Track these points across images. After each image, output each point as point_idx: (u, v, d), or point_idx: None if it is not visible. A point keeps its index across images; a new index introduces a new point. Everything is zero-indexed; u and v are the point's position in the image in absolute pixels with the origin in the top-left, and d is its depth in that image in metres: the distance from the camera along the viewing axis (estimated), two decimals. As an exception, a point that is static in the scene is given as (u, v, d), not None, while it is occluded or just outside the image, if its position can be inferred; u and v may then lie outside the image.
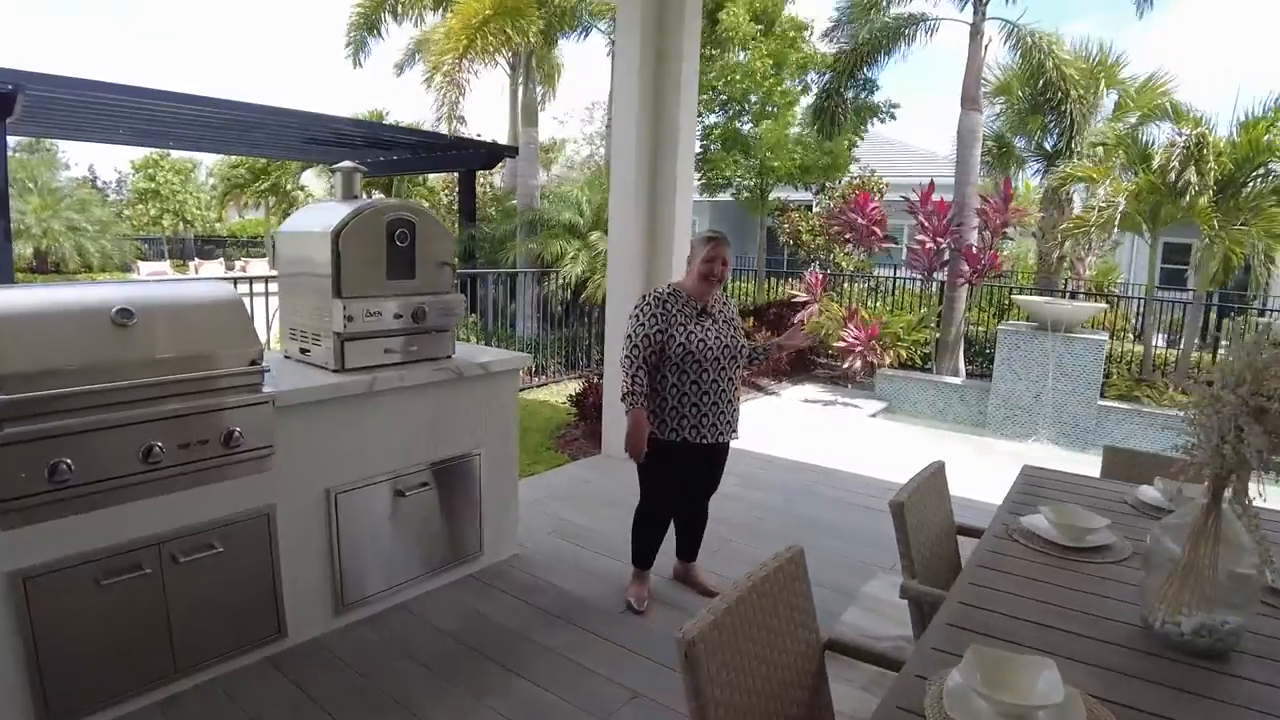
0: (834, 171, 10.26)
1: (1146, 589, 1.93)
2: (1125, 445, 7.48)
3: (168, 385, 2.43)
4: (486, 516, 3.74)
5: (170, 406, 2.42)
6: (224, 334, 2.63)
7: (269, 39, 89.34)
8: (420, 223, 3.31)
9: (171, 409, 2.42)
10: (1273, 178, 7.74)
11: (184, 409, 2.45)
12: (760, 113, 10.52)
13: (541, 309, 9.46)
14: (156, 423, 2.38)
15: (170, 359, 2.46)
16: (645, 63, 5.38)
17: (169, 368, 2.44)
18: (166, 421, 2.41)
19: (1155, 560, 1.93)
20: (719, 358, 3.31)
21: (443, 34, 9.96)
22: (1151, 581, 1.91)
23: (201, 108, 8.35)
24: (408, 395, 3.27)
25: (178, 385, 2.45)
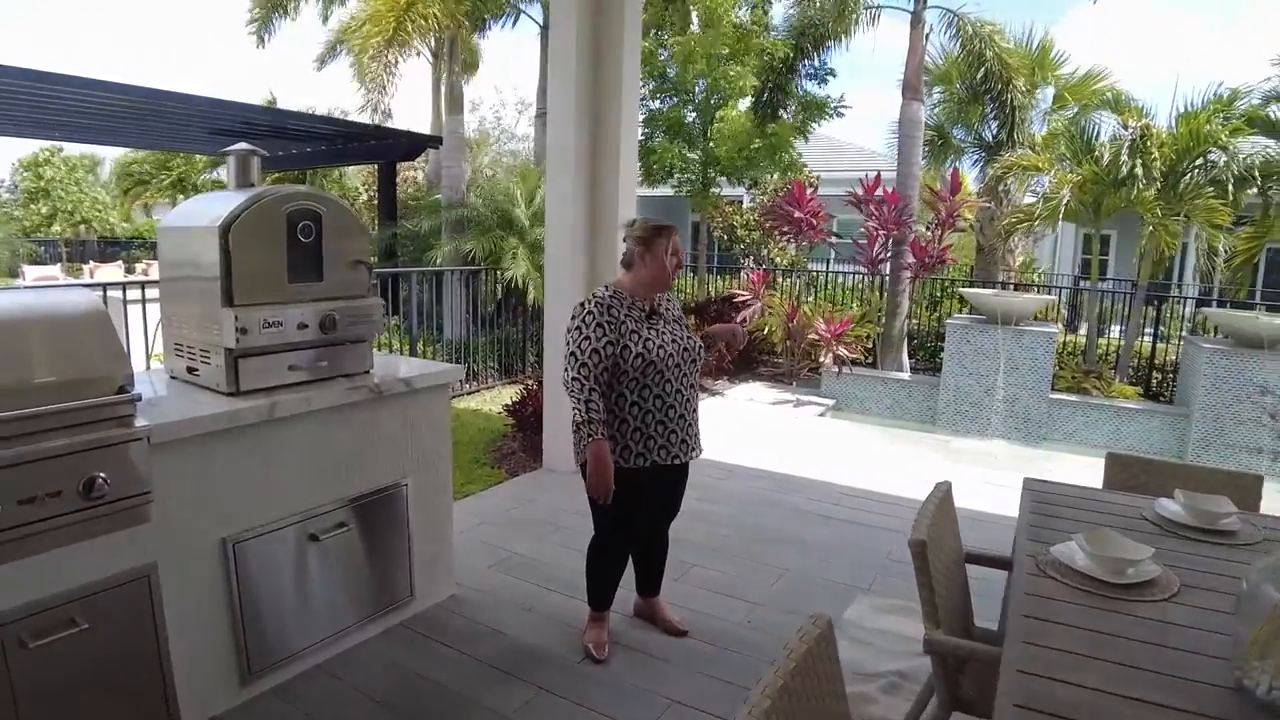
0: (778, 153, 9.91)
1: (1238, 643, 1.62)
2: (1077, 437, 7.47)
3: (1, 425, 1.86)
4: (417, 555, 3.21)
5: (6, 453, 1.85)
6: (82, 354, 2.06)
7: (166, 26, 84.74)
8: (328, 214, 2.77)
9: (7, 455, 1.86)
10: (1212, 168, 7.73)
11: (25, 454, 1.88)
12: (706, 103, 10.14)
13: (471, 310, 8.87)
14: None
15: (7, 390, 1.89)
16: (582, 42, 4.90)
17: (4, 401, 1.88)
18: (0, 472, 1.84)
19: (1251, 609, 1.60)
20: (679, 363, 2.88)
21: (366, 17, 9.26)
22: (1244, 633, 1.59)
23: (86, 92, 7.47)
24: (318, 421, 2.73)
25: (16, 424, 1.89)
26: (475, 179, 12.82)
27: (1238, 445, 6.69)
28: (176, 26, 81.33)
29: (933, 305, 11.14)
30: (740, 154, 9.82)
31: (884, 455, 6.52)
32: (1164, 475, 3.13)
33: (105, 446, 2.04)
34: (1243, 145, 7.94)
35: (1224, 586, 2.11)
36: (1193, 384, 7.04)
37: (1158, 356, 8.74)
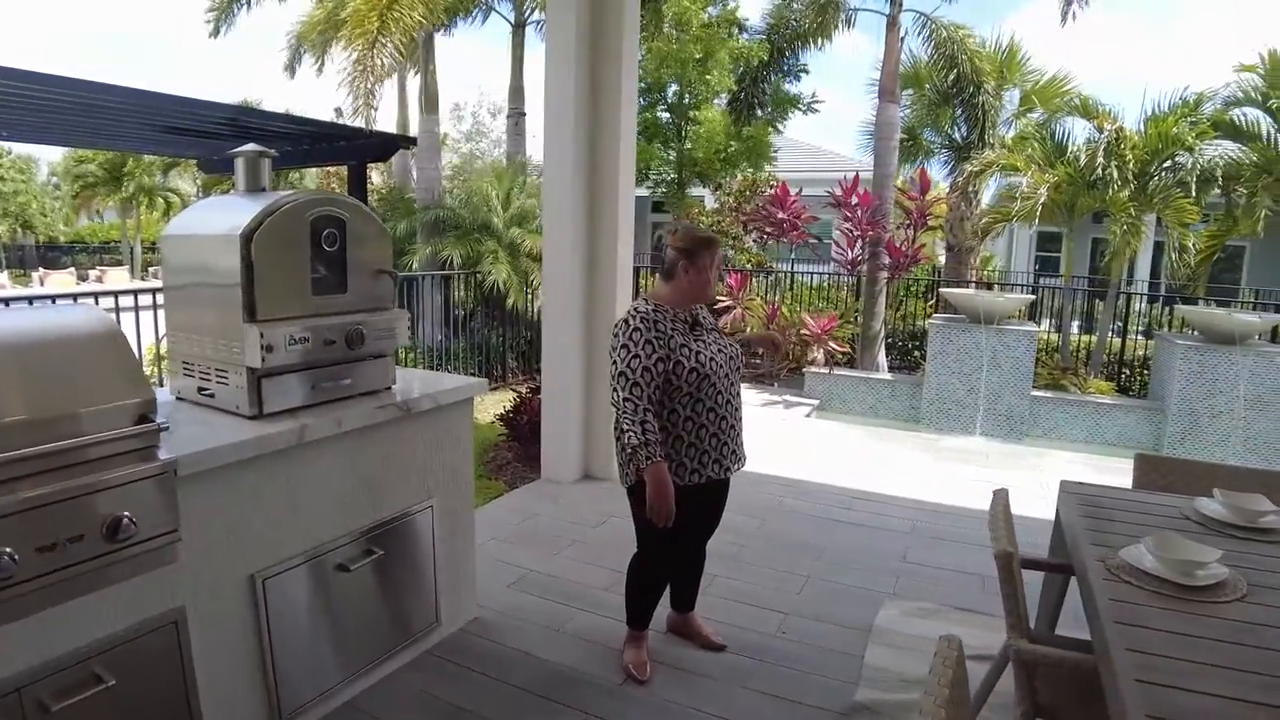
0: (756, 158, 9.89)
1: None
2: (1057, 433, 7.56)
3: (15, 464, 1.68)
4: (442, 579, 3.07)
5: (22, 495, 1.67)
6: (99, 381, 1.89)
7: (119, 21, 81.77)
8: (352, 220, 2.62)
9: (23, 498, 1.68)
10: (1179, 170, 7.92)
11: (43, 496, 1.71)
12: (678, 105, 10.07)
13: (446, 313, 8.66)
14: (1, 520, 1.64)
15: (17, 424, 1.71)
16: (581, 34, 4.79)
17: (16, 437, 1.70)
18: (16, 517, 1.66)
19: None
20: (728, 373, 2.79)
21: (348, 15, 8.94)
22: None
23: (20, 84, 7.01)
24: (346, 443, 2.58)
25: (31, 463, 1.71)
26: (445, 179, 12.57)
27: (1212, 438, 6.83)
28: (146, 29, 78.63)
29: (898, 305, 11.23)
30: (718, 155, 9.78)
31: (878, 456, 6.52)
32: (1192, 475, 3.14)
33: (131, 483, 1.87)
34: (1206, 148, 8.13)
35: (1289, 585, 2.13)
36: (1167, 379, 7.18)
37: (1113, 351, 8.92)
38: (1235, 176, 8.17)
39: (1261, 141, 8.07)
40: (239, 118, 8.46)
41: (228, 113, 8.34)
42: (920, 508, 5.13)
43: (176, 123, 8.37)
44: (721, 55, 9.67)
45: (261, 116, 9.28)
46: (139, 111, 7.54)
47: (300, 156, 10.76)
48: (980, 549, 4.43)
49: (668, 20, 9.87)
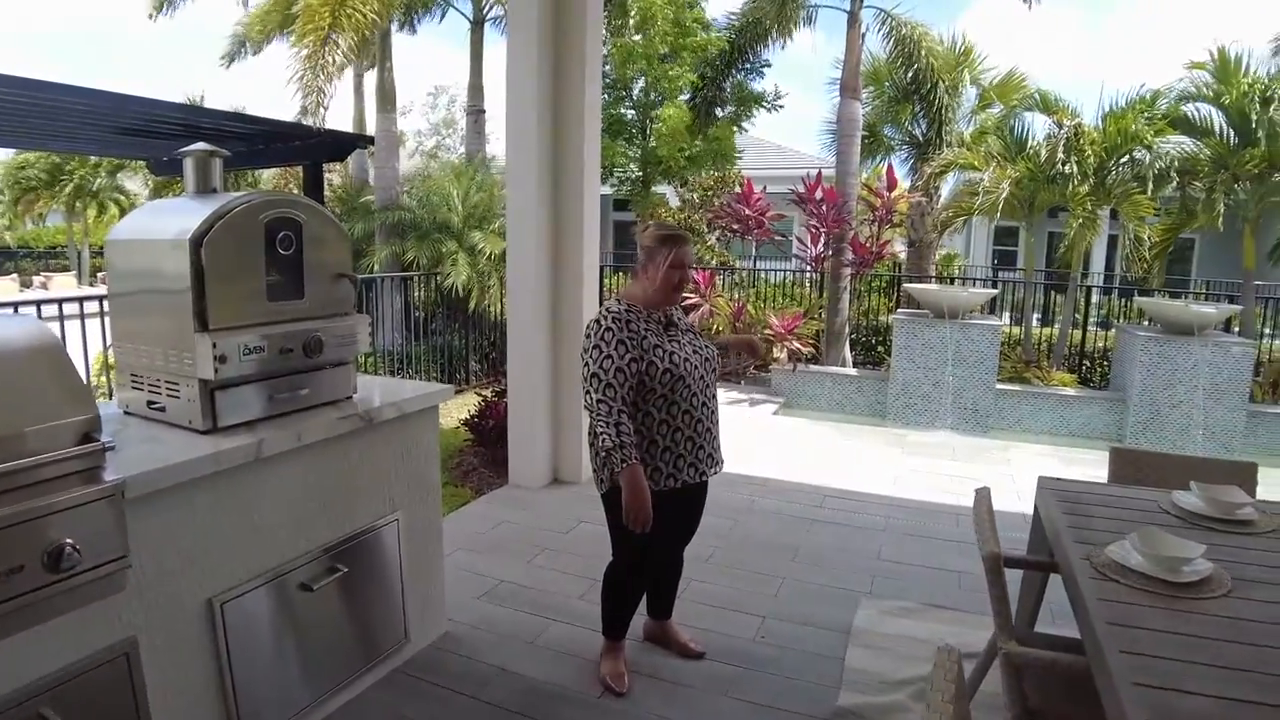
0: (721, 159, 9.85)
1: None
2: (1022, 425, 7.63)
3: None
4: (410, 594, 2.95)
5: (-47, 522, 1.55)
6: (38, 399, 1.75)
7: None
8: (309, 222, 2.49)
9: (-45, 525, 1.55)
10: (1137, 165, 8.05)
11: (-23, 523, 1.58)
12: (645, 102, 9.99)
13: (407, 316, 8.49)
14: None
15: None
16: (544, 32, 4.69)
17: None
18: (-53, 546, 1.53)
19: None
20: (703, 375, 2.72)
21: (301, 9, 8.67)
22: None
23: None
24: (307, 456, 2.45)
25: (-37, 486, 1.58)
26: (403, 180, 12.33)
27: (1173, 427, 6.94)
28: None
29: (860, 301, 11.28)
30: (682, 153, 9.72)
31: (847, 452, 6.51)
32: (1166, 467, 3.14)
33: (73, 508, 1.73)
34: (1163, 144, 8.27)
35: (1273, 578, 2.13)
36: (1128, 370, 7.28)
37: (1077, 343, 9.06)
38: (1191, 171, 8.32)
39: (1216, 137, 8.22)
40: (191, 117, 8.18)
41: (181, 112, 8.04)
42: (891, 504, 5.13)
43: (129, 123, 8.07)
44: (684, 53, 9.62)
45: (215, 116, 8.99)
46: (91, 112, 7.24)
47: (255, 157, 10.49)
48: (954, 545, 4.44)
49: (633, 14, 9.78)
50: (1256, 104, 7.79)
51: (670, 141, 9.69)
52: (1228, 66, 8.08)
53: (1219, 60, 8.10)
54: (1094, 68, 43.54)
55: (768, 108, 10.35)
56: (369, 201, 10.77)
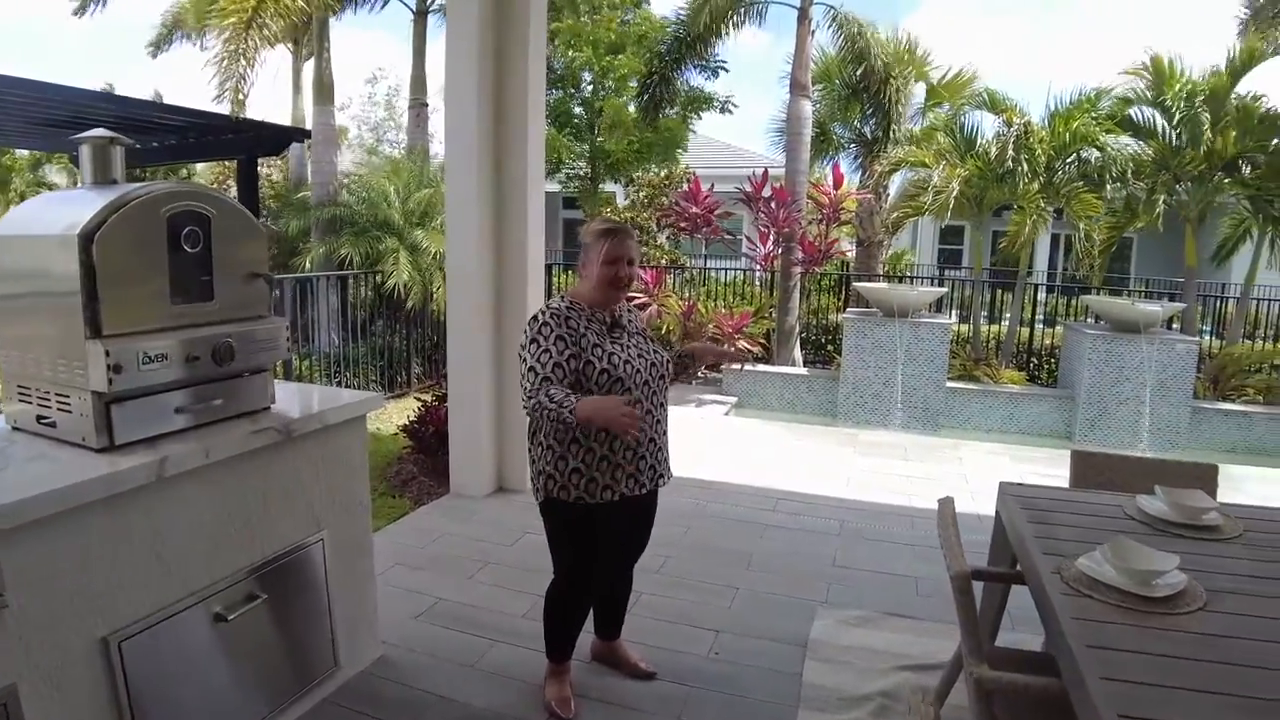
0: (670, 151, 9.71)
1: None
2: (973, 423, 7.65)
3: None
4: (339, 617, 2.73)
5: None
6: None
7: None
8: (219, 216, 2.27)
9: None
10: (1084, 165, 8.14)
11: None
12: (591, 98, 9.81)
13: (344, 317, 8.16)
14: None
15: None
16: (485, 19, 4.48)
17: None
18: None
19: None
20: (648, 380, 2.55)
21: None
22: None
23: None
24: (217, 474, 2.22)
25: None
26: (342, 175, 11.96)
27: (1120, 424, 7.02)
28: None
29: (809, 300, 11.28)
30: (630, 147, 9.56)
31: (800, 453, 6.42)
32: (1128, 470, 3.09)
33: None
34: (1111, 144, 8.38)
35: (1244, 588, 2.07)
36: (1076, 368, 7.35)
37: (1024, 341, 9.16)
38: (1135, 171, 8.45)
39: (1158, 139, 8.36)
40: (119, 108, 7.74)
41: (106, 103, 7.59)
42: (845, 506, 5.04)
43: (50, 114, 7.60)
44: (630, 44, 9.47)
45: (144, 107, 8.55)
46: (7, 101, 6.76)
47: (186, 150, 10.04)
48: (909, 548, 4.36)
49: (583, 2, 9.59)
50: (1196, 104, 7.94)
51: (619, 131, 9.52)
52: (1162, 71, 8.22)
53: (1153, 68, 8.24)
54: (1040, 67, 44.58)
55: (719, 109, 10.26)
56: (306, 197, 10.40)
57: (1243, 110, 8.07)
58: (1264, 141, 8.03)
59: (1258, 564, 2.24)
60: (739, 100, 11.28)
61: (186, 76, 45.73)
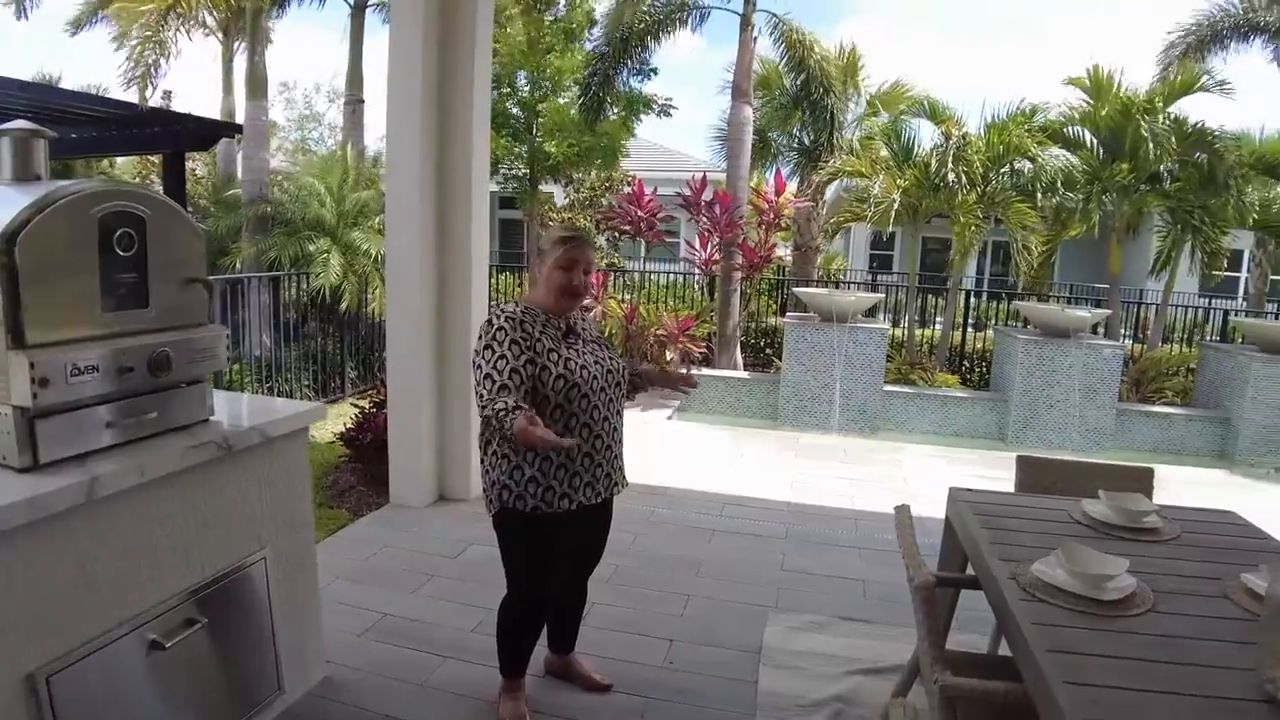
0: (610, 155, 9.67)
1: (1266, 655, 1.65)
2: (909, 425, 7.81)
3: None
4: (283, 639, 2.61)
5: None
6: None
7: None
8: (154, 218, 2.13)
9: None
10: (1018, 176, 8.43)
11: None
12: (529, 100, 9.71)
13: (276, 320, 7.89)
14: None
15: None
16: (429, 18, 4.38)
17: None
18: None
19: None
20: (604, 387, 2.51)
21: None
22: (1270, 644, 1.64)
23: None
24: (154, 492, 2.09)
25: None
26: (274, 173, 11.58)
27: (1051, 426, 7.26)
28: None
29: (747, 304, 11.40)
30: (571, 148, 9.49)
31: (742, 456, 6.46)
32: (1070, 474, 3.18)
33: None
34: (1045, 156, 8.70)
35: (1186, 589, 2.14)
36: (1008, 372, 7.58)
37: (954, 345, 9.43)
38: (1065, 182, 8.78)
39: (1088, 150, 8.70)
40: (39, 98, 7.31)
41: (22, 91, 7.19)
42: (790, 510, 5.09)
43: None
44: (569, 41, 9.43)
45: (63, 96, 8.10)
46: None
47: (109, 143, 9.55)
48: (855, 550, 4.43)
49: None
50: (1140, 115, 8.28)
51: (559, 134, 9.45)
52: (1101, 84, 8.57)
53: (1094, 78, 8.58)
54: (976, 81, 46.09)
55: (657, 113, 10.28)
56: (236, 195, 10.02)
57: (1171, 127, 8.47)
58: (1185, 156, 8.44)
59: (1196, 564, 2.32)
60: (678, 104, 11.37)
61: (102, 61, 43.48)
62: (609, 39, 9.30)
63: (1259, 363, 7.08)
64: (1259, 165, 9.23)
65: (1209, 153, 8.62)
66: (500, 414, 2.16)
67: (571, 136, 9.48)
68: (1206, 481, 6.38)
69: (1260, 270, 12.25)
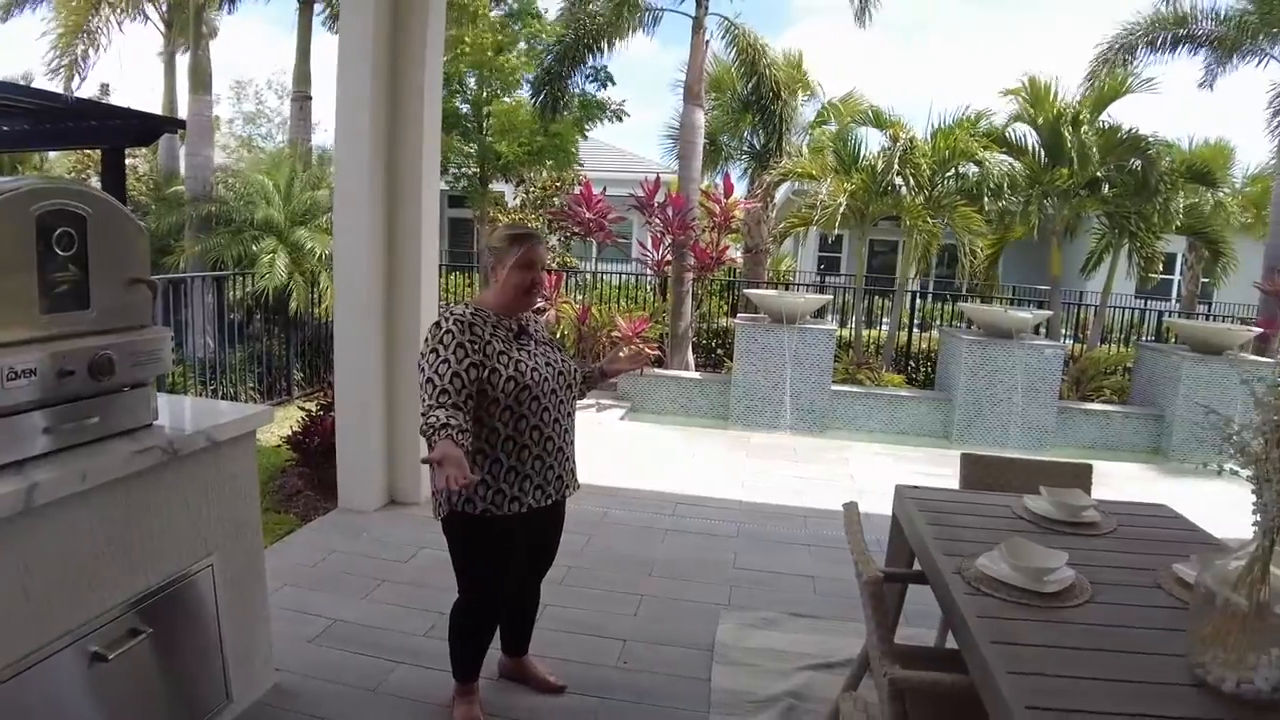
0: (563, 155, 9.65)
1: (1193, 642, 1.72)
2: (857, 424, 7.95)
3: None
4: (231, 648, 2.56)
5: None
6: None
7: None
8: (96, 216, 2.08)
9: None
10: (963, 180, 8.65)
11: None
12: (479, 97, 9.63)
13: (220, 321, 7.69)
14: None
15: None
16: (381, 14, 4.32)
17: None
18: None
19: (1205, 610, 1.71)
20: (556, 389, 2.51)
21: None
22: (1206, 633, 1.69)
23: None
24: (96, 500, 2.03)
25: None
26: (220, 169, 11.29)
27: (994, 424, 7.47)
28: None
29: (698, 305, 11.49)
30: (523, 149, 9.44)
31: (694, 456, 6.52)
32: (1013, 471, 3.28)
33: None
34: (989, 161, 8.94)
35: (1123, 580, 2.23)
36: (953, 371, 7.76)
37: (900, 345, 9.64)
38: (1010, 186, 9.04)
39: (1030, 156, 8.97)
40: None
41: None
42: (742, 509, 5.15)
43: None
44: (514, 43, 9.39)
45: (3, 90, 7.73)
46: None
47: (43, 137, 9.15)
48: (804, 548, 4.50)
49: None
50: (1068, 125, 8.57)
51: (510, 135, 9.40)
52: (1039, 94, 8.84)
53: (1030, 88, 8.85)
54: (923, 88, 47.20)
55: (610, 117, 10.30)
56: (179, 192, 9.75)
57: (1104, 134, 8.78)
58: (1122, 162, 8.76)
59: (1132, 556, 2.42)
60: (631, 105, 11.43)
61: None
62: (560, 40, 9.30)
63: (1190, 362, 7.39)
64: (1188, 173, 9.64)
65: (1143, 159, 8.97)
66: (431, 429, 2.14)
67: (524, 137, 9.44)
68: (1142, 476, 6.65)
69: (1192, 273, 12.79)
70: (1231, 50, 10.26)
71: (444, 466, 2.01)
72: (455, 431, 2.13)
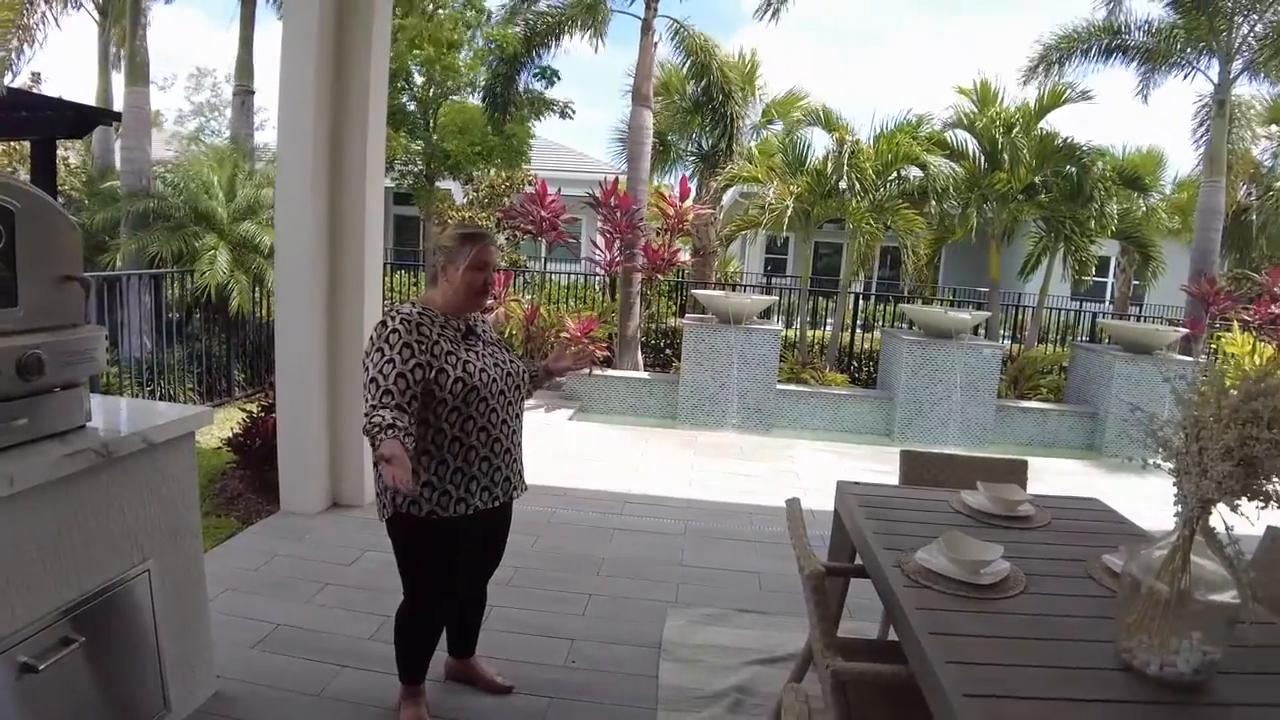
0: (514, 155, 9.59)
1: (1119, 628, 1.80)
2: (801, 422, 8.08)
3: None
4: (169, 655, 2.49)
5: None
6: None
7: None
8: (25, 211, 2.01)
9: None
10: (904, 183, 8.84)
11: None
12: (426, 94, 9.51)
13: (158, 320, 7.46)
14: None
15: None
16: (325, 9, 4.25)
17: None
18: None
19: (1130, 597, 1.79)
20: (504, 389, 2.51)
21: None
22: (1132, 620, 1.76)
23: None
24: (24, 504, 1.96)
25: None
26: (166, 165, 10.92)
27: (934, 422, 7.65)
28: None
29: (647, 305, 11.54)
30: (473, 148, 9.36)
31: (643, 455, 6.55)
32: (952, 467, 3.37)
33: None
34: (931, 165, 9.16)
35: (1056, 571, 2.31)
36: (894, 371, 7.94)
37: (843, 345, 9.82)
38: (953, 189, 9.27)
39: (970, 160, 9.21)
40: None
41: None
42: (689, 506, 5.20)
43: None
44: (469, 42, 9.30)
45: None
46: None
47: (-39, 127, 8.79)
48: (751, 545, 4.56)
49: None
50: (1001, 130, 8.83)
51: (461, 136, 9.32)
52: (987, 96, 9.09)
53: (980, 89, 9.10)
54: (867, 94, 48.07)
55: (559, 114, 10.28)
56: (114, 187, 9.42)
57: (1041, 140, 9.06)
58: (1059, 169, 9.05)
59: (1064, 548, 2.51)
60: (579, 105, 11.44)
61: None
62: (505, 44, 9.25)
63: (1121, 361, 7.69)
64: (1121, 179, 10.01)
65: (1078, 166, 9.29)
66: (375, 429, 2.11)
67: (474, 135, 9.36)
68: (1076, 472, 6.90)
69: (1124, 276, 13.26)
70: (1162, 62, 10.68)
71: (391, 465, 1.99)
72: (400, 433, 2.11)
